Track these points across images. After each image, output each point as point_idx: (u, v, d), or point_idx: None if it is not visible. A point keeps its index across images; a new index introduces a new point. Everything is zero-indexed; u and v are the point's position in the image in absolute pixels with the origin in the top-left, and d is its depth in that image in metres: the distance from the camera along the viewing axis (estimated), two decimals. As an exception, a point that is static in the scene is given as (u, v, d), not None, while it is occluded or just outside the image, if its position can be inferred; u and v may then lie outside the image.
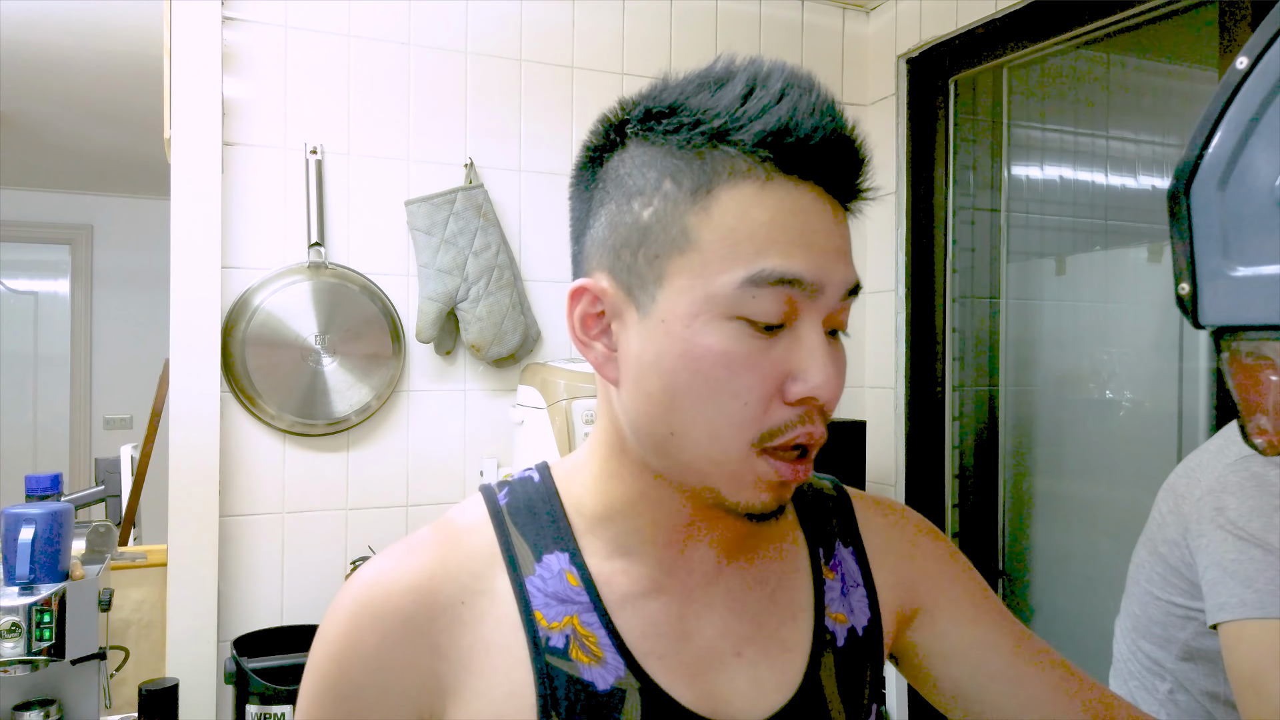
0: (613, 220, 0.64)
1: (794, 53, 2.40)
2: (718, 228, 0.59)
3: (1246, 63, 0.57)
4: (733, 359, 0.59)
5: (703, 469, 0.62)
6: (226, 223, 1.87)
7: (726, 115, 0.59)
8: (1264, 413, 0.62)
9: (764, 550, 0.74)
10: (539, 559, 0.67)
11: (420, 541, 0.68)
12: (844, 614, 0.74)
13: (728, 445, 0.61)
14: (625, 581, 0.68)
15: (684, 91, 0.62)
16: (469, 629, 0.65)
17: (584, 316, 0.66)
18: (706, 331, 0.60)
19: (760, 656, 0.70)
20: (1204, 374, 1.90)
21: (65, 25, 2.83)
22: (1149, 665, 1.21)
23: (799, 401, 0.60)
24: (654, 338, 0.61)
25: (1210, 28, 1.74)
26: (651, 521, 0.68)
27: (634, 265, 0.62)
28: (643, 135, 0.63)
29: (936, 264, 2.36)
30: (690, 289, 0.60)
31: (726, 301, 0.59)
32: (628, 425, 0.66)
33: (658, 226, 0.61)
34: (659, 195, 0.61)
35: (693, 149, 0.61)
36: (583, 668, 0.64)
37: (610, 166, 0.65)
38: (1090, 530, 2.18)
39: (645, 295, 0.62)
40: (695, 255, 0.60)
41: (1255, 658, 0.98)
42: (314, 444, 1.94)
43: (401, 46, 2.02)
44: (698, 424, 0.61)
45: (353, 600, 0.65)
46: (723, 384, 0.59)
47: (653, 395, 0.62)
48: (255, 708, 1.67)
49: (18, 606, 1.52)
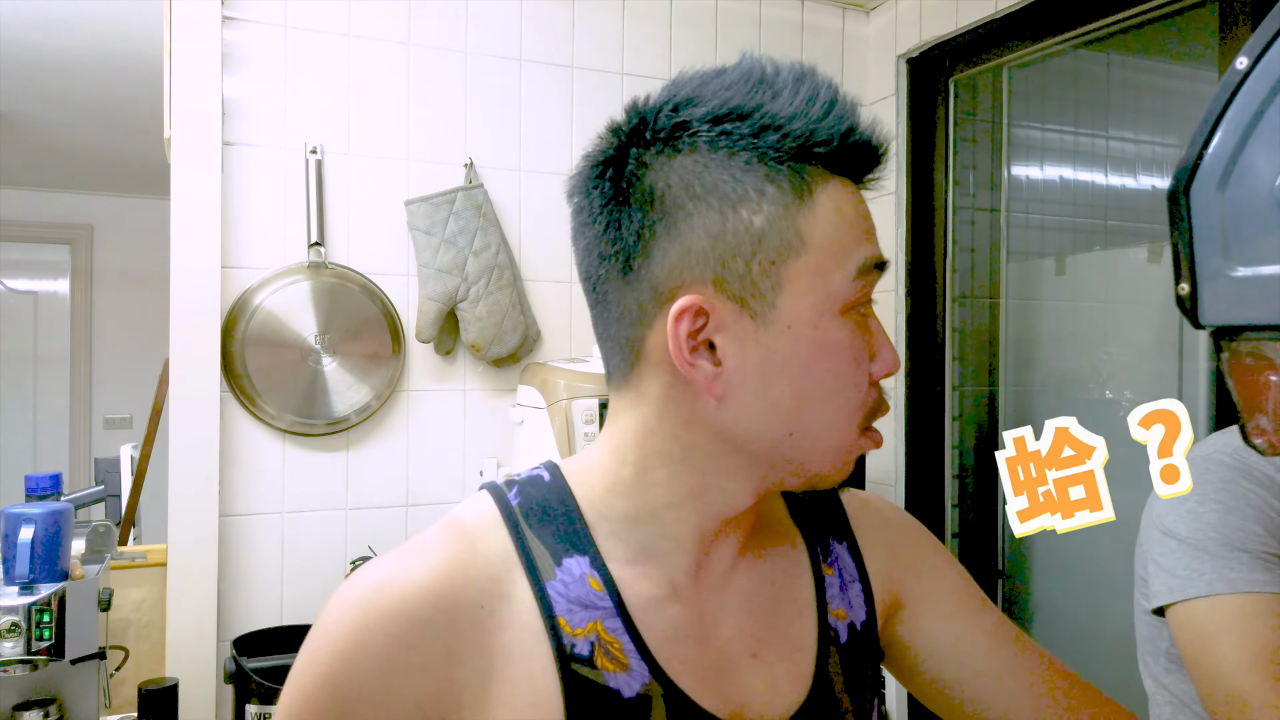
0: (714, 230, 0.61)
1: (794, 52, 2.40)
2: (824, 227, 0.62)
3: (1246, 63, 0.57)
4: (856, 351, 0.64)
5: (818, 459, 0.65)
6: (226, 223, 1.87)
7: (805, 121, 0.61)
8: (1264, 413, 0.62)
9: (769, 548, 0.74)
10: (559, 563, 0.65)
11: (431, 542, 0.66)
12: (844, 610, 0.75)
13: (845, 432, 0.65)
14: (646, 585, 0.67)
15: (741, 95, 0.62)
16: (490, 635, 0.63)
17: (686, 334, 0.62)
18: (833, 328, 0.62)
19: (774, 657, 0.70)
20: (1204, 374, 1.90)
21: (65, 25, 2.83)
22: (1154, 689, 1.25)
23: (879, 379, 0.66)
24: (780, 344, 0.62)
25: (1210, 27, 1.74)
26: (690, 525, 0.67)
27: (748, 274, 0.61)
28: (717, 140, 0.62)
29: (936, 264, 2.36)
30: (811, 290, 0.62)
31: (841, 297, 0.63)
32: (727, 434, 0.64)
33: (772, 232, 0.61)
34: (765, 200, 0.61)
35: (780, 154, 0.61)
36: (608, 675, 0.63)
37: (672, 175, 0.62)
38: (1090, 530, 2.18)
39: (762, 302, 0.61)
40: (810, 256, 0.62)
41: (1194, 637, 1.05)
42: (314, 444, 1.94)
43: (401, 46, 2.02)
44: (821, 418, 0.64)
45: (361, 599, 0.62)
46: (849, 376, 0.63)
47: (780, 401, 0.63)
48: (255, 707, 1.67)
49: (17, 606, 1.52)
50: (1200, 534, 1.07)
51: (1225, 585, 1.03)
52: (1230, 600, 1.02)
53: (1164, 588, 1.09)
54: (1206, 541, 1.06)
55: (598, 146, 0.67)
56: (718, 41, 2.31)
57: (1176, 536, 1.09)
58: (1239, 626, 1.01)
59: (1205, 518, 1.07)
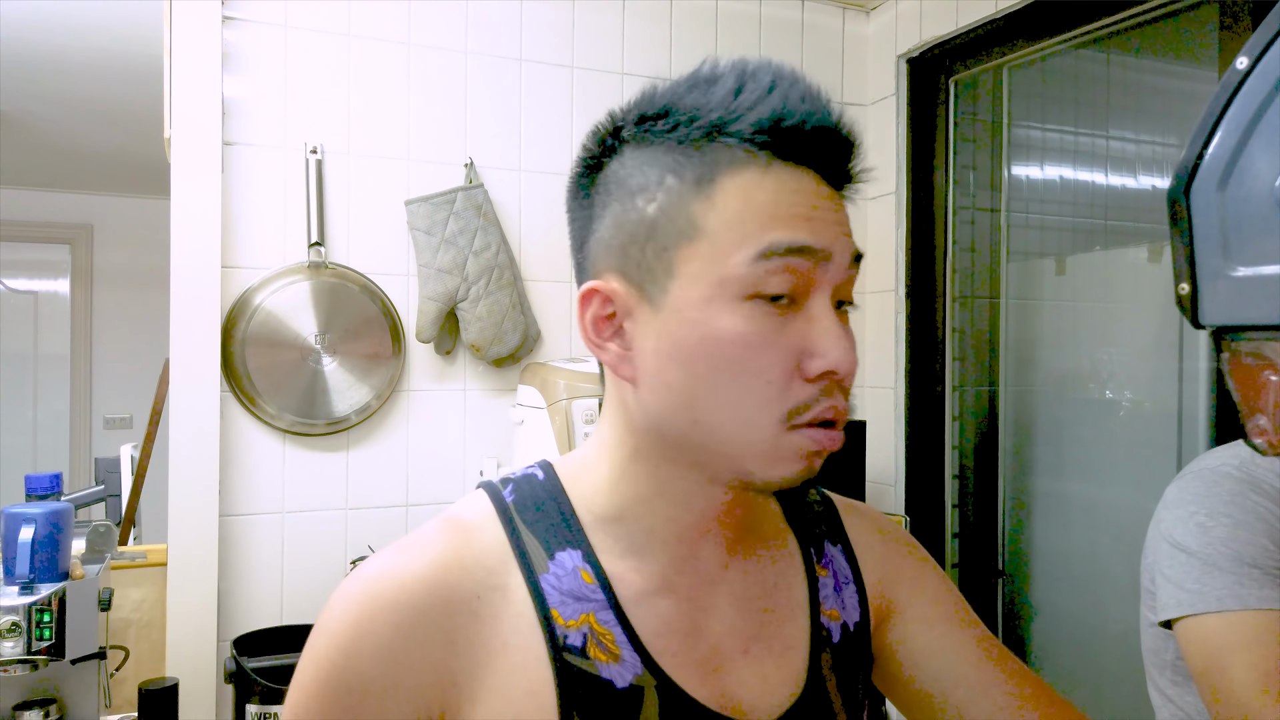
0: (617, 220, 0.65)
1: (794, 52, 2.41)
2: (723, 213, 0.61)
3: (1246, 63, 0.57)
4: (750, 338, 0.60)
5: (733, 453, 0.62)
6: (226, 222, 1.87)
7: (721, 109, 0.62)
8: (1264, 413, 0.62)
9: (762, 549, 0.75)
10: (552, 556, 0.67)
11: (428, 536, 0.67)
12: (837, 610, 0.75)
13: (756, 425, 0.61)
14: (638, 579, 0.68)
15: (675, 93, 0.64)
16: (485, 625, 0.64)
17: (595, 319, 0.66)
18: (722, 314, 0.61)
19: (765, 654, 0.70)
20: (1204, 374, 1.90)
21: (65, 25, 2.83)
22: (1160, 701, 1.24)
23: (819, 376, 0.61)
24: (670, 328, 0.62)
25: (1210, 27, 1.74)
26: (665, 519, 0.68)
27: (643, 260, 0.63)
28: (639, 138, 0.65)
29: (937, 264, 2.36)
30: (703, 275, 0.61)
31: (739, 282, 0.60)
32: (647, 422, 0.66)
33: (664, 219, 0.63)
34: (662, 190, 0.63)
35: (691, 143, 0.63)
36: (601, 666, 0.64)
37: (608, 172, 0.67)
38: (1090, 530, 2.18)
39: (657, 288, 0.63)
40: (704, 242, 0.61)
41: (1206, 650, 1.04)
42: (314, 444, 1.94)
43: (402, 46, 2.02)
44: (723, 409, 0.61)
45: (363, 592, 0.64)
46: (744, 365, 0.60)
47: (674, 386, 0.63)
48: (255, 707, 1.67)
49: (17, 606, 1.52)
50: (1210, 548, 1.06)
51: (1236, 601, 1.03)
52: (1242, 617, 1.02)
53: (1172, 601, 1.09)
54: (1217, 556, 1.05)
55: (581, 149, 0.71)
56: (718, 41, 2.31)
57: (1186, 550, 1.09)
58: (1250, 644, 1.00)
59: (1215, 532, 1.07)
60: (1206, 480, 1.12)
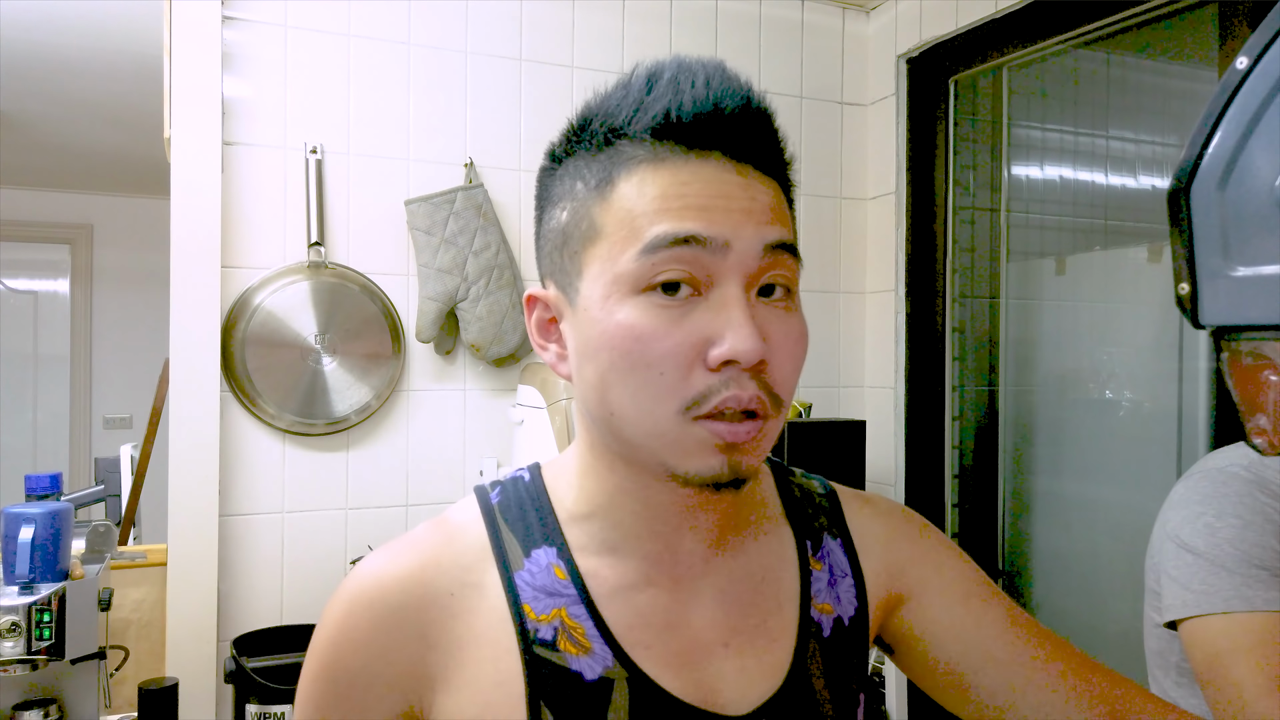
0: (543, 231, 0.70)
1: (794, 52, 2.40)
2: (616, 212, 0.63)
3: (1246, 62, 0.57)
4: (641, 331, 0.61)
5: (644, 444, 0.64)
6: (226, 222, 1.87)
7: (623, 111, 0.64)
8: (1264, 412, 0.62)
9: (752, 543, 0.75)
10: (528, 554, 0.70)
11: (416, 537, 0.71)
12: (830, 604, 0.75)
13: (657, 416, 0.62)
14: (613, 575, 0.70)
15: (597, 102, 0.67)
16: (458, 620, 0.67)
17: (540, 323, 0.71)
18: (618, 309, 0.62)
19: (747, 646, 0.71)
20: (1204, 374, 1.90)
21: (65, 25, 2.83)
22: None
23: (720, 366, 0.61)
24: (581, 326, 0.66)
25: (1210, 27, 1.74)
26: (632, 514, 0.70)
27: (561, 265, 0.67)
28: (568, 150, 0.69)
29: (937, 264, 2.36)
30: (601, 273, 0.64)
31: (631, 277, 0.62)
32: (587, 418, 0.69)
33: (572, 224, 0.66)
34: (571, 197, 0.67)
35: (595, 148, 0.66)
36: (570, 658, 0.66)
37: (544, 187, 0.71)
38: (1090, 530, 2.18)
39: (573, 290, 0.66)
40: (602, 243, 0.64)
41: (1213, 652, 1.03)
42: (314, 443, 1.94)
43: (402, 46, 2.02)
44: (625, 400, 0.63)
45: (349, 591, 0.69)
46: (637, 357, 0.62)
47: (589, 380, 0.65)
48: (255, 707, 1.67)
49: (17, 606, 1.52)
50: (1217, 549, 1.05)
51: (1243, 603, 1.02)
52: (1249, 619, 1.01)
53: (1178, 601, 1.08)
54: (1224, 557, 1.05)
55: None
56: (717, 41, 2.31)
57: (1193, 550, 1.08)
58: (1257, 646, 0.99)
59: (1223, 532, 1.06)
60: (1214, 480, 1.12)
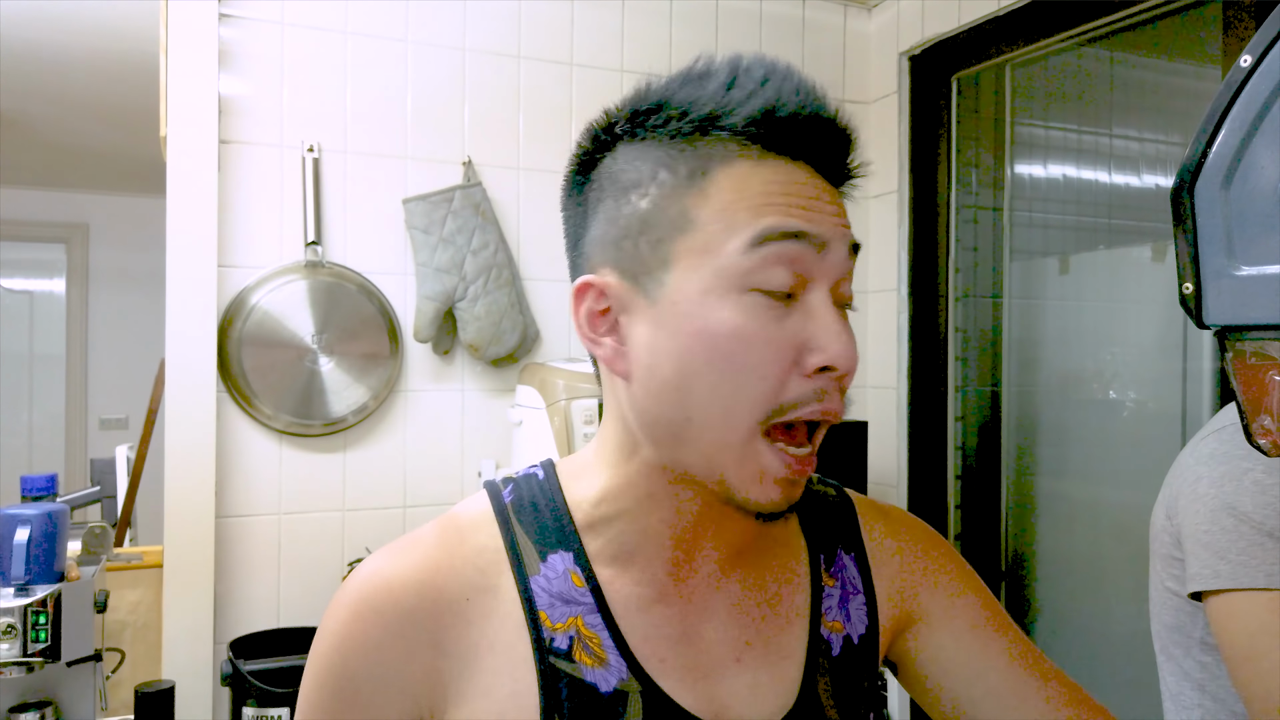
0: (611, 216, 0.65)
1: (795, 50, 2.39)
2: (715, 204, 0.61)
3: (1251, 61, 0.57)
4: (748, 332, 0.59)
5: (715, 455, 0.62)
6: (223, 221, 1.86)
7: (713, 103, 0.62)
8: (1268, 413, 0.61)
9: (766, 556, 0.73)
10: (543, 558, 0.67)
11: (424, 537, 0.68)
12: (840, 622, 0.74)
13: (735, 424, 0.60)
14: (630, 584, 0.68)
15: (668, 88, 0.64)
16: (473, 626, 0.65)
17: (590, 314, 0.66)
18: (720, 306, 0.60)
19: (759, 663, 0.69)
20: (1208, 374, 1.89)
21: (61, 23, 2.82)
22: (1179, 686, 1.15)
23: (816, 372, 0.60)
24: (666, 321, 0.62)
25: (1214, 25, 1.73)
26: (659, 521, 0.67)
27: (637, 253, 0.63)
28: (631, 134, 0.65)
29: (939, 263, 2.35)
30: (698, 266, 0.61)
31: (736, 272, 0.60)
32: (639, 420, 0.65)
33: (656, 212, 0.62)
34: (655, 184, 0.63)
35: (683, 138, 0.63)
36: (586, 670, 0.64)
37: (601, 169, 0.67)
38: (1093, 531, 2.17)
39: (652, 281, 0.62)
40: (698, 233, 0.61)
41: (1249, 630, 0.95)
42: (311, 444, 1.94)
43: (399, 44, 2.01)
44: (713, 404, 0.60)
45: (355, 593, 0.66)
46: (739, 359, 0.59)
47: (668, 381, 0.62)
48: (252, 710, 1.66)
49: (13, 608, 1.51)
50: (1265, 509, 0.95)
51: None
52: None
53: (1209, 571, 0.98)
54: (1273, 524, 0.94)
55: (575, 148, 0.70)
56: (718, 38, 2.30)
57: (1237, 513, 0.97)
58: None
59: (1274, 490, 0.95)
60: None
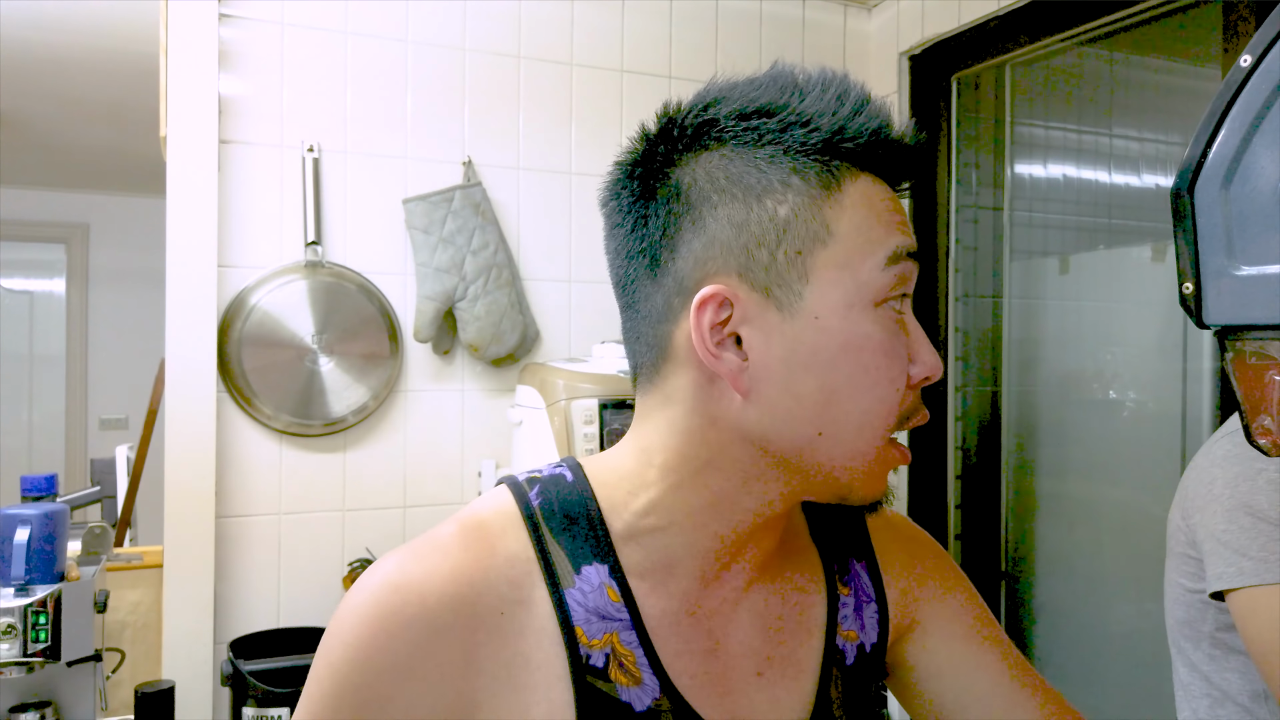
0: (739, 220, 0.61)
1: (795, 49, 2.39)
2: (852, 218, 0.61)
3: (1250, 60, 0.57)
4: (890, 345, 0.61)
5: (843, 464, 0.63)
6: (223, 221, 1.86)
7: (832, 118, 0.61)
8: (1268, 413, 0.61)
9: (787, 568, 0.73)
10: (578, 570, 0.64)
11: (447, 542, 0.64)
12: (855, 631, 0.74)
13: (872, 434, 0.62)
14: (662, 597, 0.66)
15: (769, 94, 0.63)
16: (508, 642, 0.62)
17: (711, 325, 0.61)
18: (863, 320, 0.61)
19: (778, 676, 0.69)
20: (1208, 374, 1.89)
21: (61, 23, 2.82)
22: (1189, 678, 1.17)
23: (918, 384, 0.64)
24: (807, 335, 0.61)
25: (1213, 25, 1.73)
26: (711, 534, 0.66)
27: (773, 263, 0.61)
28: (742, 136, 0.62)
29: (939, 263, 2.34)
30: (840, 280, 0.61)
31: (873, 287, 0.61)
32: (749, 436, 0.63)
33: (798, 222, 0.61)
34: (791, 191, 0.61)
35: (807, 148, 0.62)
36: (622, 689, 0.63)
37: (698, 170, 0.63)
38: (1093, 531, 2.17)
39: (789, 293, 0.61)
40: (838, 246, 0.61)
41: (1276, 624, 0.96)
42: (311, 444, 1.93)
43: (399, 44, 2.01)
44: (851, 417, 0.61)
45: (379, 604, 0.61)
46: (883, 372, 0.61)
47: (805, 396, 0.61)
48: (252, 710, 1.66)
49: (13, 608, 1.51)
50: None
51: None
52: None
53: (1232, 569, 1.00)
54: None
55: (628, 150, 0.67)
56: (718, 38, 2.30)
57: (1254, 512, 0.99)
58: None
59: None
60: None
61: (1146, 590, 2.01)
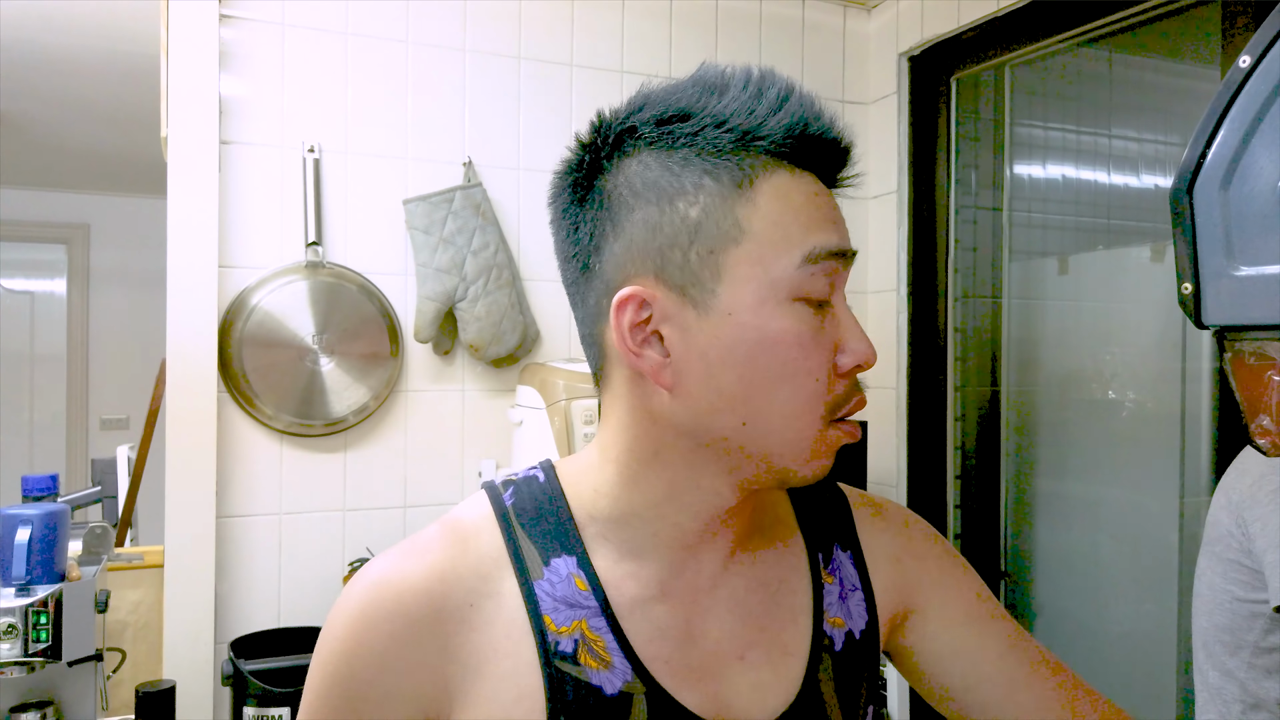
0: (652, 223, 0.64)
1: (795, 50, 2.40)
2: (766, 216, 0.63)
3: (1249, 61, 0.57)
4: (804, 339, 0.63)
5: (776, 451, 0.64)
6: (223, 222, 1.86)
7: (748, 117, 0.63)
8: (1268, 413, 0.62)
9: (766, 551, 0.74)
10: (547, 562, 0.68)
11: (427, 542, 0.69)
12: (842, 618, 0.74)
13: (803, 424, 0.64)
14: (633, 585, 0.68)
15: (687, 96, 0.65)
16: (477, 632, 0.66)
17: (632, 326, 0.64)
18: (776, 316, 0.62)
19: (762, 660, 0.70)
20: (1207, 374, 1.89)
21: (62, 24, 2.82)
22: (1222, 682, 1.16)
23: (849, 372, 0.65)
24: (723, 331, 0.63)
25: (1212, 26, 1.73)
26: (672, 524, 0.68)
27: (686, 264, 0.63)
28: (658, 141, 0.65)
29: (938, 263, 2.35)
30: (753, 277, 0.62)
31: (788, 284, 0.62)
32: (680, 427, 0.65)
33: (709, 222, 0.63)
34: (703, 193, 0.63)
35: (721, 148, 0.63)
36: (591, 672, 0.65)
37: (619, 176, 0.66)
38: (1093, 531, 2.17)
39: (703, 291, 0.63)
40: (751, 244, 0.62)
41: None
42: (311, 444, 1.94)
43: (400, 44, 2.01)
44: (773, 408, 0.63)
45: (361, 599, 0.66)
46: (798, 365, 0.62)
47: (725, 389, 0.63)
48: (252, 710, 1.66)
49: (14, 608, 1.51)
50: None
51: None
52: None
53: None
54: None
55: (564, 158, 0.70)
56: (718, 39, 2.30)
57: None
58: None
59: None
60: None
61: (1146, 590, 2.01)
